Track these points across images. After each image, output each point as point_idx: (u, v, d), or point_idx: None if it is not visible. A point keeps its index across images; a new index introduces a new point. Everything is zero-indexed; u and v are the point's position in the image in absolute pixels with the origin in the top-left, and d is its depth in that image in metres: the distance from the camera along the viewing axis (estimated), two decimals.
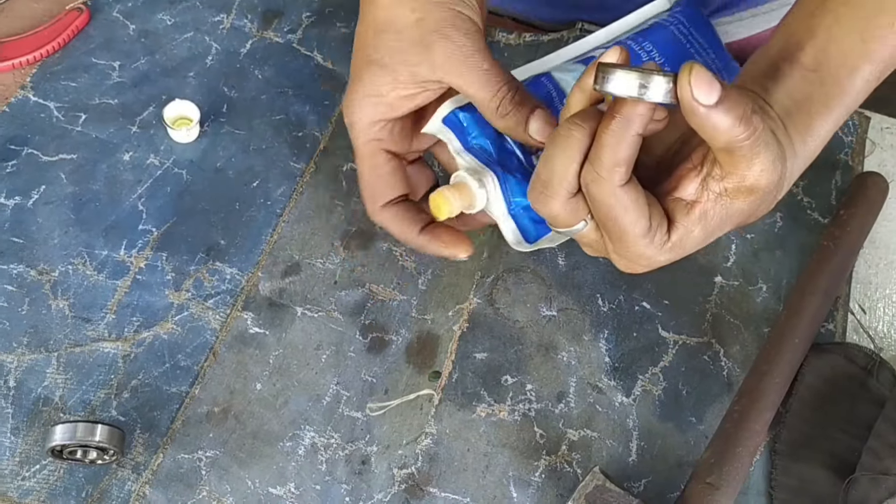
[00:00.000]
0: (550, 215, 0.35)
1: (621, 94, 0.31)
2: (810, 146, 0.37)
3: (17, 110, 0.56)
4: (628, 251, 0.35)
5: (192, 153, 0.55)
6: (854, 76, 0.37)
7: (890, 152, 0.58)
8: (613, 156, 0.32)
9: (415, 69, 0.41)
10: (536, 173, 0.35)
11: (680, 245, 0.35)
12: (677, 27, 0.53)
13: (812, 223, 0.54)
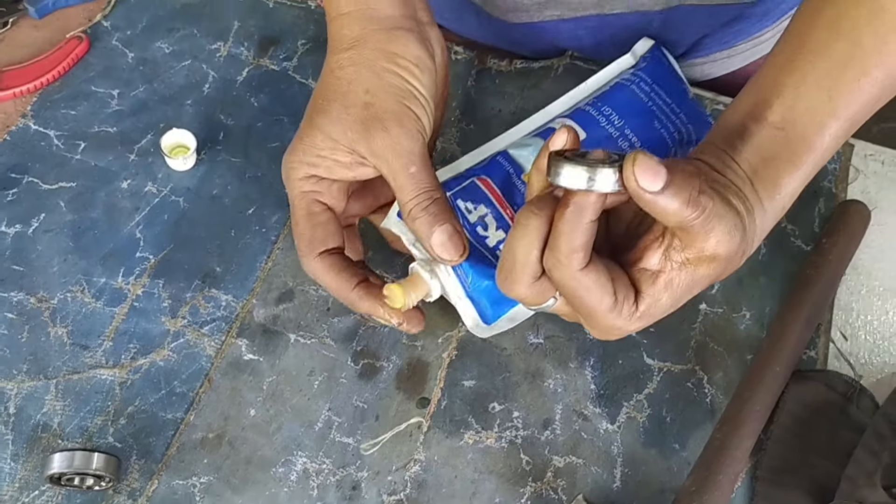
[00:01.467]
0: (518, 298, 0.37)
1: (571, 188, 0.32)
2: (778, 202, 0.38)
3: (17, 139, 0.57)
4: (598, 324, 0.36)
5: (189, 181, 0.56)
6: (822, 133, 0.38)
7: (873, 179, 0.59)
8: (570, 243, 0.33)
9: (354, 145, 0.43)
10: (501, 259, 0.36)
11: (648, 314, 0.36)
12: (639, 85, 0.55)
13: (796, 250, 0.55)
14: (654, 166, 0.31)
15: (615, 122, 0.53)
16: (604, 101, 0.54)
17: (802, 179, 0.38)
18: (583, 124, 0.53)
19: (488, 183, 0.51)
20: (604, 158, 0.33)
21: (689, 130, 0.55)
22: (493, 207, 0.50)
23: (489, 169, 0.52)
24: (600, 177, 0.32)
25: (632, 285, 0.35)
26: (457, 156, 0.59)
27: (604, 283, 0.34)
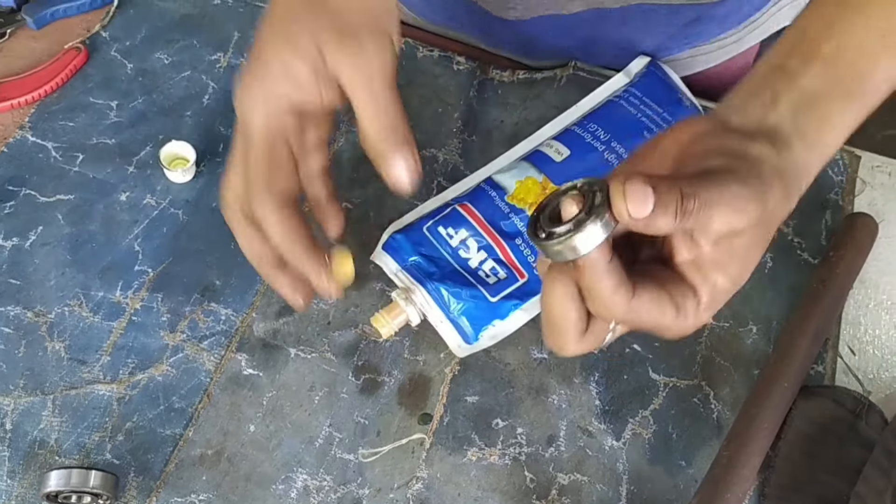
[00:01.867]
0: (576, 354, 0.35)
1: (566, 261, 0.31)
2: (828, 138, 0.36)
3: (15, 150, 0.56)
4: (670, 332, 0.34)
5: (189, 193, 0.56)
6: (874, 68, 0.36)
7: (880, 191, 0.58)
8: (604, 290, 0.32)
9: (325, 54, 0.39)
10: (543, 323, 0.35)
11: (715, 299, 0.34)
12: (629, 100, 0.56)
13: (802, 263, 0.54)
14: (642, 191, 0.30)
15: (601, 137, 0.53)
16: (590, 118, 0.55)
17: (853, 117, 0.36)
18: (568, 144, 0.53)
19: (469, 208, 0.51)
20: (580, 209, 0.31)
21: None
22: (473, 230, 0.51)
23: (472, 196, 0.53)
24: (585, 239, 0.30)
25: (684, 281, 0.34)
26: (459, 167, 0.58)
27: (658, 298, 0.33)
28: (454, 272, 0.49)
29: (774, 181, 0.33)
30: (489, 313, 0.49)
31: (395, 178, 0.40)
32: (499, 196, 0.52)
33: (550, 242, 0.31)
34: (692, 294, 0.34)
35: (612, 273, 0.31)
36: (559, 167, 0.52)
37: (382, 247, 0.51)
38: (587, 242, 0.30)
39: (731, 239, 0.33)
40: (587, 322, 0.34)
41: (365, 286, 0.53)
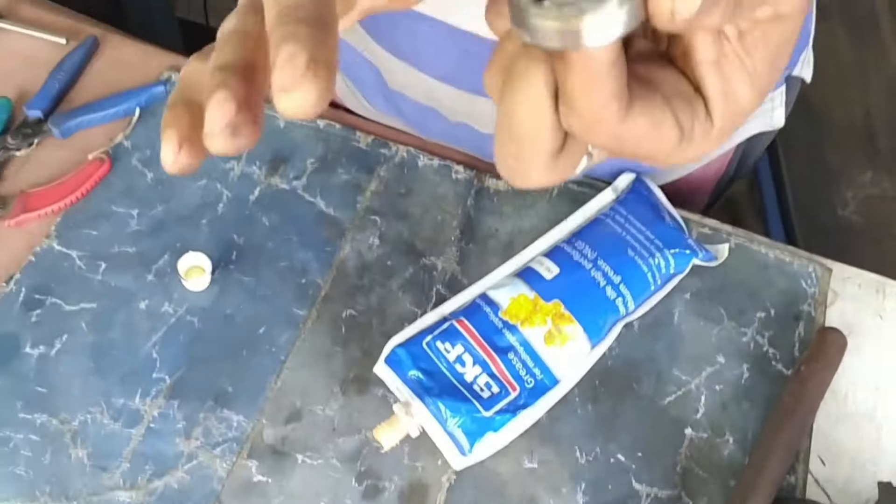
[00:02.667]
0: (537, 185, 0.26)
1: (554, 48, 0.22)
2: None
3: (42, 259, 0.60)
4: (670, 160, 0.26)
5: (204, 300, 0.60)
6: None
7: (850, 302, 0.62)
8: (592, 103, 0.23)
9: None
10: (498, 142, 0.26)
11: (730, 120, 0.26)
12: (614, 218, 0.60)
13: (776, 374, 0.58)
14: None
15: (588, 255, 0.57)
16: (578, 236, 0.59)
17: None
18: (558, 261, 0.57)
19: (465, 324, 0.55)
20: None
21: (665, 257, 0.58)
22: (469, 346, 0.54)
23: (468, 311, 0.57)
24: (599, 24, 0.21)
25: (693, 91, 0.25)
26: (456, 275, 0.62)
27: (659, 118, 0.24)
28: (451, 386, 0.53)
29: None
30: (483, 427, 0.52)
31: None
32: (493, 311, 0.56)
33: (542, 12, 0.21)
34: (703, 112, 0.25)
35: (611, 79, 0.23)
36: (549, 284, 0.56)
37: (385, 360, 0.55)
38: (600, 31, 0.21)
39: (769, 30, 0.25)
40: (563, 138, 0.25)
41: (368, 392, 0.57)
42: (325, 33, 0.23)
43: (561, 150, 0.25)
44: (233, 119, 0.23)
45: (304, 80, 0.22)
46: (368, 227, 0.64)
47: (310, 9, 0.23)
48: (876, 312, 0.62)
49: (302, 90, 0.22)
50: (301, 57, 0.22)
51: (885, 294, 0.63)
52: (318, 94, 0.22)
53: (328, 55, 0.22)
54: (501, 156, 0.26)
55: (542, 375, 0.54)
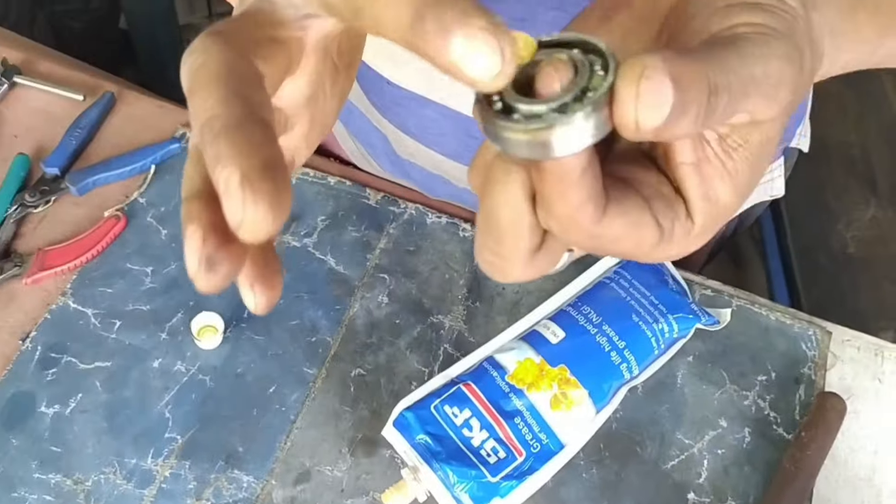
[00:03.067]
0: (517, 280, 0.27)
1: (527, 159, 0.22)
2: (852, 29, 0.28)
3: (57, 317, 0.61)
4: (650, 258, 0.26)
5: (216, 359, 0.61)
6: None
7: (850, 365, 0.63)
8: (567, 205, 0.23)
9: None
10: (479, 239, 0.26)
11: (711, 223, 0.26)
12: (618, 282, 0.61)
13: (777, 438, 0.59)
14: (659, 86, 0.21)
15: (593, 320, 0.58)
16: (584, 300, 0.60)
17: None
18: (563, 325, 0.58)
19: (472, 388, 0.56)
20: (566, 85, 0.22)
21: (669, 322, 0.59)
22: (476, 410, 0.55)
23: (476, 376, 0.57)
24: (567, 136, 0.21)
25: (674, 192, 0.25)
26: (463, 333, 0.63)
27: (637, 219, 0.24)
28: (458, 451, 0.54)
29: (805, 50, 0.25)
30: (490, 492, 0.53)
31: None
32: (500, 375, 0.57)
33: (511, 125, 0.22)
34: (684, 213, 0.25)
35: (584, 184, 0.23)
36: (555, 349, 0.58)
37: (393, 423, 0.56)
38: (568, 142, 0.21)
39: (748, 133, 0.25)
40: (542, 236, 0.25)
41: (376, 453, 0.58)
42: (246, 131, 0.22)
43: (540, 248, 0.25)
44: (203, 251, 0.23)
45: (247, 207, 0.21)
46: (377, 284, 0.65)
47: (222, 114, 0.22)
48: (875, 376, 0.63)
49: (249, 218, 0.21)
50: (233, 180, 0.21)
51: (884, 357, 0.64)
52: (268, 211, 0.21)
53: (259, 155, 0.21)
54: (482, 251, 0.26)
55: (547, 440, 0.55)
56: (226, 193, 0.21)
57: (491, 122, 0.22)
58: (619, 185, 0.25)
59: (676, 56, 0.21)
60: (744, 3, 0.25)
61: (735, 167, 0.25)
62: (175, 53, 1.43)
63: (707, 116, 0.22)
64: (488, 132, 0.23)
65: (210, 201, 0.23)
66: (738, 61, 0.23)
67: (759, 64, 0.23)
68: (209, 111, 0.23)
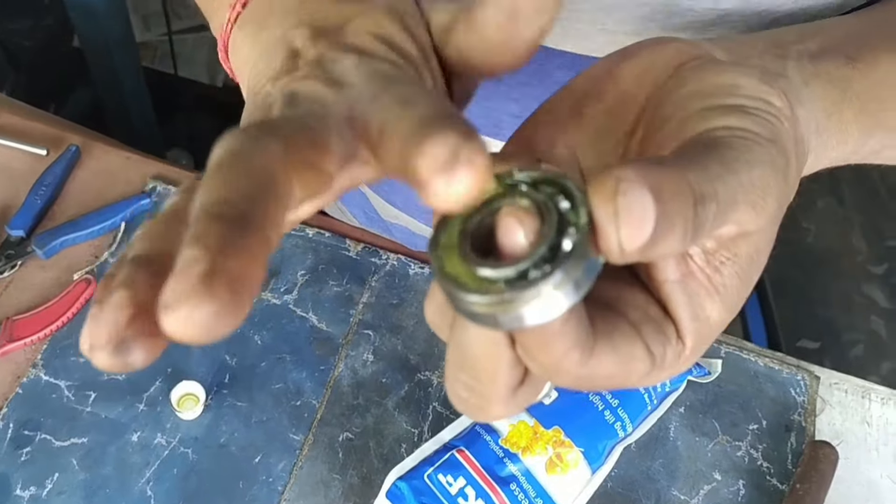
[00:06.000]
0: (496, 419, 0.25)
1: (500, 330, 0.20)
2: (873, 77, 0.28)
3: (29, 391, 0.59)
4: (640, 385, 0.24)
5: (197, 429, 0.59)
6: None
7: (838, 409, 0.63)
8: (549, 357, 0.21)
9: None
10: (451, 372, 0.24)
11: (703, 341, 0.24)
12: None
13: (772, 490, 0.59)
14: (641, 204, 0.19)
15: None
16: None
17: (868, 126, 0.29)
18: (560, 388, 0.57)
19: (466, 454, 0.55)
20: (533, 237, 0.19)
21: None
22: (471, 478, 0.54)
23: (468, 440, 0.56)
24: (542, 307, 0.19)
25: (662, 313, 0.24)
26: None
27: (628, 352, 0.23)
28: None
29: (791, 153, 0.24)
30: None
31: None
32: (493, 439, 0.56)
33: (476, 300, 0.19)
34: (674, 335, 0.24)
35: (567, 332, 0.21)
36: (548, 410, 0.57)
37: (386, 495, 0.55)
38: (541, 313, 0.19)
39: (736, 245, 0.24)
40: (523, 372, 0.23)
41: None
42: (246, 237, 0.19)
43: (522, 383, 0.23)
44: (122, 331, 0.19)
45: (191, 295, 0.17)
46: (362, 342, 0.64)
47: (235, 205, 0.19)
48: (863, 419, 0.63)
49: (185, 308, 0.17)
50: (198, 266, 0.17)
51: (871, 399, 0.64)
52: (207, 317, 0.17)
53: (240, 264, 0.18)
54: (454, 386, 0.24)
55: None
56: (181, 272, 0.18)
57: (459, 299, 0.20)
58: (605, 314, 0.23)
59: (651, 164, 0.19)
60: (723, 106, 0.23)
61: (723, 282, 0.24)
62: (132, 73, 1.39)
63: (696, 229, 0.20)
64: (458, 307, 0.20)
65: (158, 277, 0.20)
66: (720, 167, 0.21)
67: (744, 171, 0.22)
68: (227, 193, 0.20)
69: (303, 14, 0.29)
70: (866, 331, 1.32)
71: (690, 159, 0.21)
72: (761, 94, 0.24)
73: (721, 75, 0.24)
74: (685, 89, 0.24)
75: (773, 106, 0.24)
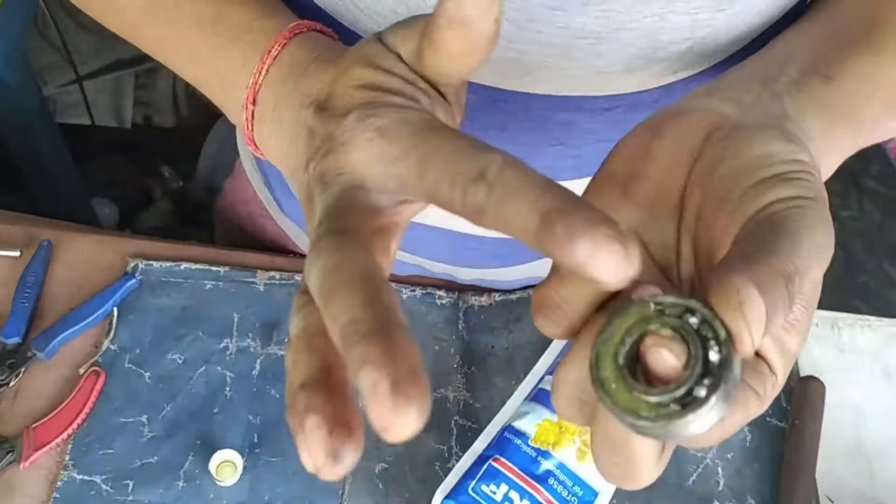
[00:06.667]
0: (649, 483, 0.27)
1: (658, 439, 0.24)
2: (848, 87, 0.32)
3: (67, 493, 0.59)
4: (755, 416, 0.27)
5: (240, 494, 0.60)
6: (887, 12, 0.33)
7: (815, 343, 0.70)
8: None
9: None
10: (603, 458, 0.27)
11: (788, 368, 0.28)
12: None
13: (774, 429, 0.65)
14: (758, 305, 0.23)
15: None
16: None
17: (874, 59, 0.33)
18: None
19: (502, 461, 0.59)
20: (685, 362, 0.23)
21: None
22: (512, 483, 0.58)
23: (501, 447, 0.60)
24: (708, 418, 0.22)
25: (756, 356, 0.27)
26: (469, 401, 0.65)
27: (746, 405, 0.26)
28: None
29: (824, 192, 0.28)
30: None
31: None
32: (523, 442, 0.60)
33: (643, 424, 0.23)
34: (768, 371, 0.27)
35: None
36: None
37: None
38: (712, 417, 0.22)
39: (804, 286, 0.26)
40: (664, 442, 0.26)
41: None
42: (391, 335, 0.22)
43: (664, 448, 0.27)
44: (330, 445, 0.23)
45: (397, 411, 0.21)
46: None
47: (367, 318, 0.22)
48: (837, 347, 0.70)
49: (399, 421, 0.21)
50: (384, 385, 0.21)
51: (840, 328, 0.71)
52: (416, 414, 0.21)
53: (405, 360, 0.22)
54: (608, 469, 0.27)
55: (582, 492, 0.58)
56: (374, 397, 0.21)
57: (628, 421, 0.23)
58: None
59: (748, 264, 0.23)
60: (767, 178, 0.27)
61: (796, 318, 0.27)
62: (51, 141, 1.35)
63: (791, 305, 0.24)
64: (626, 425, 0.23)
65: (331, 393, 0.24)
66: (791, 243, 0.25)
67: (807, 238, 0.25)
68: (351, 314, 0.23)
69: (302, 95, 0.32)
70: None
71: (767, 245, 0.24)
72: (791, 155, 0.27)
73: (753, 146, 0.27)
74: (727, 165, 0.27)
75: (804, 163, 0.27)
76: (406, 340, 0.22)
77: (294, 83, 0.33)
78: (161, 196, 1.68)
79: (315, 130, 0.30)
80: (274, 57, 0.34)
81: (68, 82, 1.64)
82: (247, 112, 0.35)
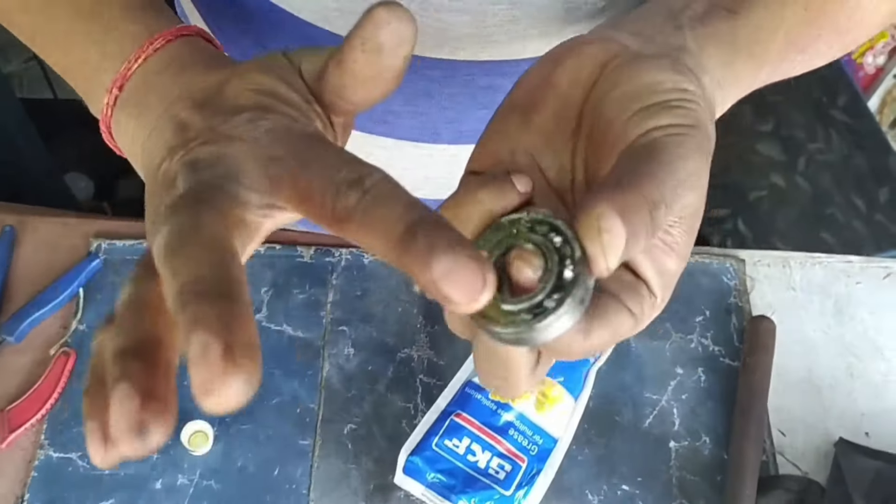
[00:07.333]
0: (524, 393, 0.30)
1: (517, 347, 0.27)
2: (731, 75, 0.32)
3: (44, 472, 0.61)
4: (630, 335, 0.29)
5: (214, 461, 0.63)
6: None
7: (766, 283, 0.72)
8: (559, 346, 0.27)
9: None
10: (484, 371, 0.29)
11: (668, 288, 0.29)
12: None
13: (727, 368, 0.67)
14: (618, 231, 0.24)
15: None
16: None
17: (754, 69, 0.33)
18: None
19: (463, 416, 0.61)
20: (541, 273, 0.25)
21: None
22: (473, 435, 0.60)
23: (462, 402, 0.62)
24: (558, 325, 0.24)
25: (633, 276, 0.28)
26: (433, 359, 0.67)
27: (617, 320, 0.28)
28: (470, 479, 0.59)
29: (709, 124, 0.29)
30: None
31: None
32: (483, 396, 0.62)
33: (501, 330, 0.25)
34: (647, 292, 0.28)
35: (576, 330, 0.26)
36: None
37: (403, 471, 0.60)
38: (559, 330, 0.25)
39: (682, 210, 0.28)
40: (537, 356, 0.29)
41: (392, 498, 0.62)
42: (233, 303, 0.21)
43: (538, 362, 0.29)
44: (138, 416, 0.21)
45: (224, 378, 0.20)
46: (339, 339, 0.68)
47: (211, 279, 0.21)
48: (788, 286, 0.72)
49: (224, 389, 0.20)
50: (215, 349, 0.20)
51: (791, 267, 0.72)
52: (244, 386, 0.20)
53: (243, 330, 0.20)
54: (489, 381, 0.30)
55: (542, 441, 0.61)
56: (202, 358, 0.20)
57: (485, 328, 0.25)
58: (602, 306, 0.27)
59: (616, 191, 0.24)
60: (651, 105, 0.27)
61: (675, 240, 0.28)
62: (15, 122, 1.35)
63: (654, 230, 0.25)
64: (484, 332, 0.25)
65: (150, 354, 0.23)
66: (664, 171, 0.26)
67: (681, 166, 0.26)
68: (196, 271, 0.22)
69: (179, 89, 0.31)
70: (768, 185, 1.43)
71: (639, 171, 0.25)
72: (677, 84, 0.28)
73: (642, 74, 0.28)
74: (617, 91, 0.28)
75: (689, 92, 0.28)
76: (249, 315, 0.21)
77: (172, 77, 0.33)
78: None
79: (188, 123, 0.29)
80: (155, 49, 0.34)
81: (30, 58, 1.62)
82: (109, 97, 0.34)
